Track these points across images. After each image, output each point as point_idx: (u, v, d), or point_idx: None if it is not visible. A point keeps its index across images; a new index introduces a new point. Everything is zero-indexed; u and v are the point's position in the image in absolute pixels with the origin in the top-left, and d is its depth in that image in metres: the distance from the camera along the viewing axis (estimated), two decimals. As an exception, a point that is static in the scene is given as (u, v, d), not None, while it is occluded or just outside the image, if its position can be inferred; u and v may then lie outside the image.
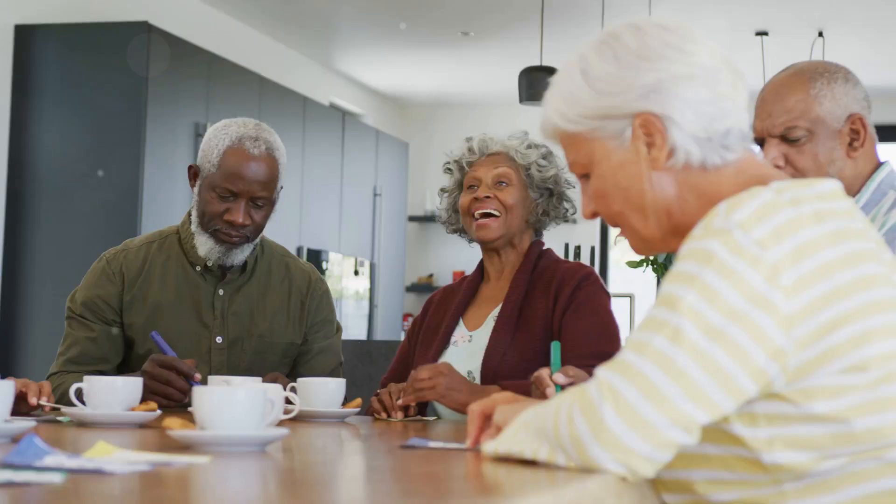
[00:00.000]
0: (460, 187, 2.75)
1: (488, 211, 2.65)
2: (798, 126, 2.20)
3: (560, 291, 2.61)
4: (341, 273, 7.88)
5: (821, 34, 7.41)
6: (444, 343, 2.68)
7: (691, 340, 1.34)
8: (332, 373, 2.85)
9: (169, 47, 5.98)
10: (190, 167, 2.80)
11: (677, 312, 1.35)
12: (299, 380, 2.47)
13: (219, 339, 2.78)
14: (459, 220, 2.77)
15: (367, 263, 8.24)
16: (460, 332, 2.70)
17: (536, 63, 6.95)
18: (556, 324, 2.58)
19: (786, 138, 2.21)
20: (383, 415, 2.49)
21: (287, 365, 2.86)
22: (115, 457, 1.37)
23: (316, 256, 7.49)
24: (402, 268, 8.96)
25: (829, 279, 1.39)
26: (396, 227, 8.84)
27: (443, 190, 2.83)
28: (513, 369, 2.54)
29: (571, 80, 1.55)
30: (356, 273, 8.09)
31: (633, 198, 1.54)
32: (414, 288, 9.63)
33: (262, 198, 2.73)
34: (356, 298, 8.10)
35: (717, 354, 1.34)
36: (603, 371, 1.37)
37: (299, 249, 7.35)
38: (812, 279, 1.37)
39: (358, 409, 2.47)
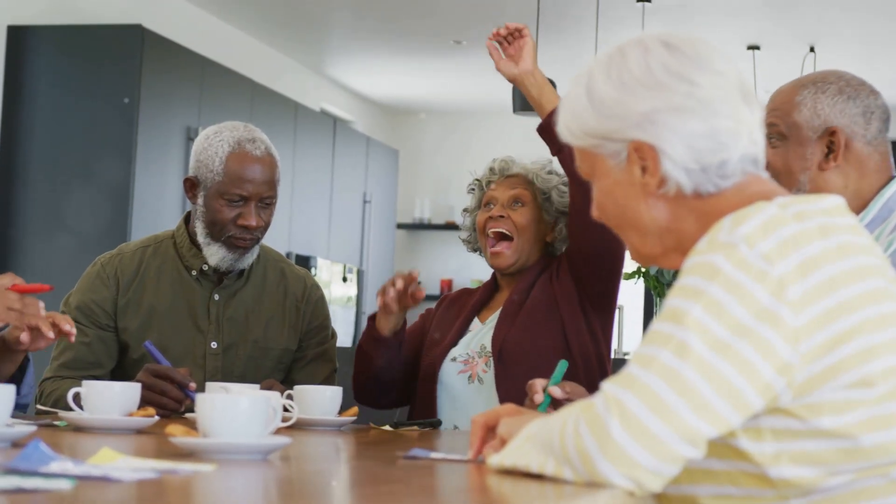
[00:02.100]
0: (481, 206, 2.83)
1: (501, 231, 2.72)
2: (774, 124, 2.19)
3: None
4: (330, 279, 7.87)
5: (812, 49, 7.44)
6: (462, 333, 2.77)
7: (697, 354, 1.33)
8: (326, 379, 2.84)
9: (162, 51, 5.97)
10: (186, 180, 2.77)
11: (683, 326, 1.35)
12: (296, 387, 2.46)
13: (214, 345, 2.76)
14: None
15: (355, 270, 8.23)
16: (476, 325, 2.79)
17: (530, 73, 6.94)
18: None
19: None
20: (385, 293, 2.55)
21: (282, 371, 2.84)
22: (120, 463, 1.36)
23: (305, 262, 7.48)
24: (390, 275, 8.90)
25: (835, 293, 1.38)
26: (385, 235, 8.84)
27: (465, 210, 2.91)
28: (518, 338, 2.64)
29: (577, 96, 1.55)
30: (344, 280, 8.08)
31: (629, 216, 1.54)
32: (401, 295, 9.61)
33: (269, 197, 2.75)
34: (344, 305, 8.09)
35: (723, 369, 1.33)
36: (609, 385, 1.37)
37: (288, 255, 7.33)
38: (818, 293, 1.37)
39: (355, 418, 2.46)
